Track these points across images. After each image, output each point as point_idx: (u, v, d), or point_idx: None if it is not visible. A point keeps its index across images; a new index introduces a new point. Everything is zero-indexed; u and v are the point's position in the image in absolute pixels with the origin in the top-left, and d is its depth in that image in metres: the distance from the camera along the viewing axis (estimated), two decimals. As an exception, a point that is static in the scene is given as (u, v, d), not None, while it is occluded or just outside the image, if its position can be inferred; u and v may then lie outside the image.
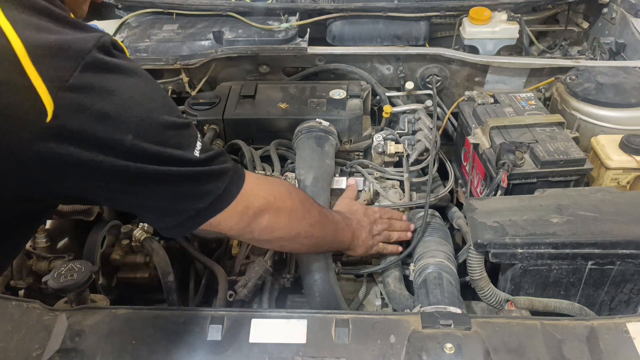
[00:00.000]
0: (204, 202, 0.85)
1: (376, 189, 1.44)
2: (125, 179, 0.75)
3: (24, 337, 0.91)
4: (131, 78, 0.73)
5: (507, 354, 0.88)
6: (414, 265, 1.28)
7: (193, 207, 0.84)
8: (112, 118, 0.70)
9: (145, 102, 0.75)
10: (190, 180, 0.82)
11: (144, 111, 0.74)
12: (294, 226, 1.04)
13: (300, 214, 1.05)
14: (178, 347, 0.90)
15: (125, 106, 0.71)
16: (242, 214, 0.93)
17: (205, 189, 0.85)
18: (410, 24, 1.83)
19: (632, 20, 1.83)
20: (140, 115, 0.73)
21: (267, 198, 0.97)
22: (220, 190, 0.86)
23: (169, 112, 0.79)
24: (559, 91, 1.61)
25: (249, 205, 0.93)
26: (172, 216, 0.85)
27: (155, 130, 0.75)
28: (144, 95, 0.75)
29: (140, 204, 0.83)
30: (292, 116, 1.55)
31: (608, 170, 1.35)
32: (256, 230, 0.97)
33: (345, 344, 0.91)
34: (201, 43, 1.77)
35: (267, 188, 1.00)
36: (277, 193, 1.01)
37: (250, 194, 0.93)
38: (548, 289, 1.13)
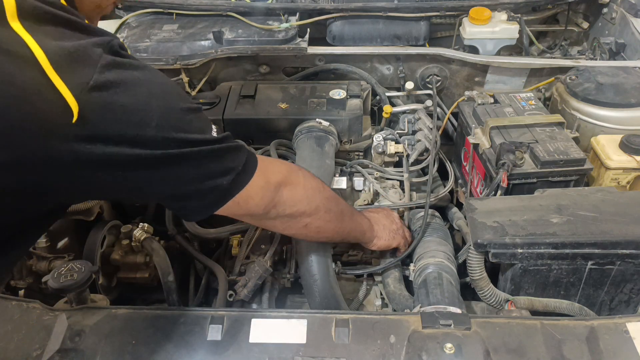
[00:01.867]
0: (229, 177, 0.89)
1: (376, 189, 1.45)
2: (153, 166, 0.78)
3: (24, 337, 0.91)
4: (144, 72, 0.77)
5: (507, 354, 0.88)
6: (414, 266, 1.28)
7: (220, 183, 0.88)
8: (134, 110, 0.74)
9: (162, 93, 0.79)
10: (213, 158, 0.86)
11: (163, 101, 0.78)
12: (312, 198, 1.07)
13: (315, 187, 1.09)
14: (178, 347, 0.90)
15: (145, 98, 0.75)
16: (264, 188, 0.97)
17: (227, 165, 0.89)
18: (410, 24, 1.83)
19: (632, 20, 1.83)
20: (160, 105, 0.77)
21: (282, 172, 1.02)
22: (241, 165, 0.91)
23: (184, 100, 0.85)
24: (559, 91, 1.61)
25: (268, 179, 0.97)
26: (201, 197, 0.88)
27: (176, 117, 0.80)
28: (160, 87, 0.79)
29: (169, 191, 0.86)
30: (292, 116, 1.55)
31: (608, 170, 1.35)
32: (279, 204, 1.00)
33: (345, 344, 0.91)
34: (201, 43, 1.77)
35: (279, 164, 1.06)
36: (289, 168, 1.06)
37: (267, 170, 0.98)
38: (548, 289, 1.13)
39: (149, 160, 0.77)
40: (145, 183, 0.82)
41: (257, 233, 1.33)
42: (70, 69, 0.68)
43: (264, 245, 1.33)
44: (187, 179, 0.84)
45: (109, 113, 0.71)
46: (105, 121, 0.71)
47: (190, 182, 0.85)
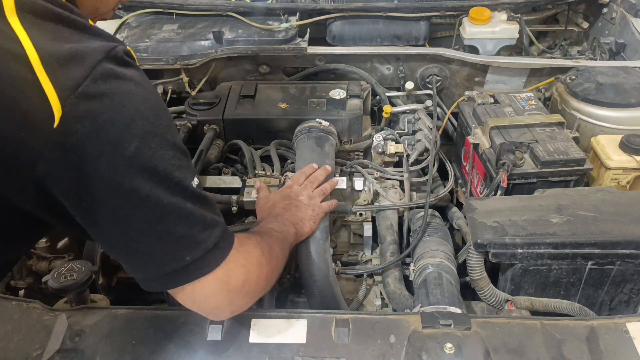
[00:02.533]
0: (193, 253, 0.76)
1: (376, 189, 1.44)
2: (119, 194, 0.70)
3: (24, 337, 0.91)
4: (139, 89, 0.72)
5: (507, 354, 0.88)
6: (414, 265, 1.28)
7: (181, 257, 0.76)
8: (118, 127, 0.69)
9: (153, 116, 0.73)
10: (185, 219, 0.75)
11: (150, 125, 0.72)
12: (269, 281, 0.94)
13: (273, 267, 0.96)
14: (178, 347, 0.90)
15: (132, 116, 0.70)
16: (222, 287, 0.82)
17: (198, 237, 0.77)
18: (410, 24, 1.83)
19: (632, 20, 1.83)
20: (146, 128, 0.71)
21: (247, 272, 0.86)
22: (211, 244, 0.78)
23: (172, 132, 0.77)
24: (559, 91, 1.61)
25: (231, 278, 0.83)
26: (155, 264, 0.76)
27: (159, 144, 0.72)
28: (152, 110, 0.73)
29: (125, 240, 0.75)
30: (292, 116, 1.55)
31: (608, 170, 1.35)
32: (233, 309, 0.88)
33: (345, 344, 0.91)
34: (201, 43, 1.77)
35: (246, 258, 0.88)
36: (254, 260, 0.89)
37: (234, 264, 0.83)
38: (548, 289, 1.13)
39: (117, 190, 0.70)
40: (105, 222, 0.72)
41: (257, 233, 1.33)
42: (62, 71, 0.65)
43: (264, 245, 1.33)
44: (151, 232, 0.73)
45: (91, 124, 0.67)
46: (85, 131, 0.66)
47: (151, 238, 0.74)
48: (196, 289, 0.80)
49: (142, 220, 0.73)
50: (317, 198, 1.25)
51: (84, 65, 0.67)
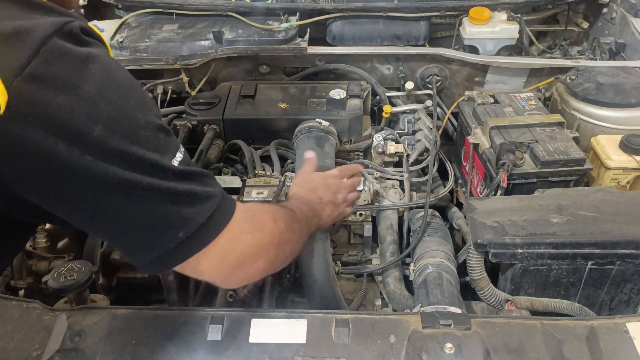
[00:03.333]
0: (185, 230, 0.72)
1: (376, 189, 1.45)
2: (91, 183, 0.64)
3: (24, 337, 0.91)
4: (100, 68, 0.65)
5: (507, 354, 0.88)
6: (414, 265, 1.28)
7: (172, 236, 0.71)
8: (76, 113, 0.62)
9: (117, 96, 0.66)
10: (167, 197, 0.70)
11: (114, 106, 0.65)
12: (281, 253, 0.92)
13: (286, 238, 0.93)
14: (178, 347, 0.90)
15: (92, 99, 0.63)
16: (225, 257, 0.79)
17: (186, 213, 0.72)
18: (410, 24, 1.83)
19: (632, 20, 1.83)
20: (109, 110, 0.64)
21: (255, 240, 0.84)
22: (204, 218, 0.73)
23: (144, 111, 0.70)
24: (559, 91, 1.61)
25: (233, 245, 0.80)
26: (146, 247, 0.72)
27: (127, 126, 0.66)
28: (116, 90, 0.67)
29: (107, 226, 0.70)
30: (292, 116, 1.55)
31: (608, 170, 1.35)
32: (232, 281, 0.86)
33: (345, 344, 0.91)
34: (201, 43, 1.77)
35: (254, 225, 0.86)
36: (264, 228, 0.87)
37: (237, 231, 0.80)
38: (548, 289, 1.13)
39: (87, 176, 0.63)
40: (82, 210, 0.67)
41: (257, 233, 1.32)
42: (5, 52, 0.57)
43: (264, 245, 1.32)
44: (132, 216, 0.68)
45: (43, 110, 0.60)
46: (38, 118, 0.59)
47: (135, 223, 0.69)
48: (200, 262, 0.77)
49: (121, 207, 0.67)
50: (349, 203, 1.22)
51: (29, 42, 0.59)
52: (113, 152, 0.64)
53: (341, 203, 1.20)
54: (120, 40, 1.77)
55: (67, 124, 0.61)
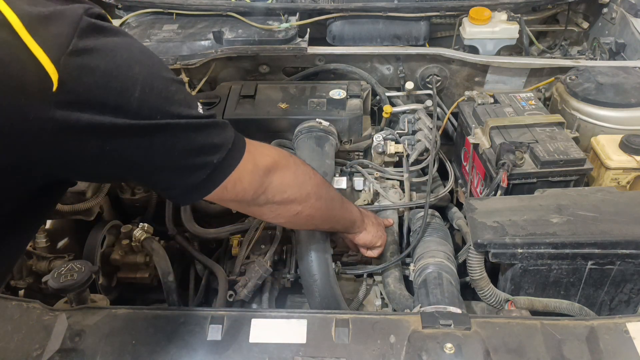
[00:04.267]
0: (219, 155, 0.85)
1: (376, 189, 1.45)
2: (139, 136, 0.74)
3: (24, 337, 0.91)
4: (126, 39, 0.74)
5: (507, 354, 0.88)
6: (414, 265, 1.28)
7: (210, 160, 0.84)
8: (117, 76, 0.70)
9: (145, 59, 0.76)
10: (201, 132, 0.82)
11: (146, 67, 0.74)
12: (302, 185, 1.04)
13: (305, 173, 1.06)
14: (178, 347, 0.90)
15: (128, 64, 0.72)
16: (253, 172, 0.93)
17: (217, 140, 0.85)
18: (410, 24, 1.83)
19: (632, 20, 1.83)
20: (143, 71, 0.74)
21: (272, 156, 0.98)
22: (230, 143, 0.87)
23: (167, 70, 0.81)
24: (559, 91, 1.61)
25: (257, 162, 0.93)
26: (191, 175, 0.84)
27: (160, 84, 0.76)
28: (142, 54, 0.76)
29: (157, 168, 0.81)
30: (292, 116, 1.55)
31: (608, 170, 1.35)
32: (269, 189, 0.97)
33: (345, 344, 0.91)
34: (201, 43, 1.77)
35: (268, 148, 1.02)
36: (279, 153, 1.02)
37: (256, 152, 0.94)
38: (548, 289, 1.13)
39: (134, 130, 0.73)
40: (134, 156, 0.77)
41: (257, 233, 1.33)
42: (47, 33, 0.64)
43: (264, 245, 1.33)
44: (176, 152, 0.80)
45: (90, 79, 0.67)
46: (87, 88, 0.67)
47: (179, 157, 0.81)
48: (233, 181, 0.88)
49: (167, 150, 0.78)
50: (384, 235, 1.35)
51: (66, 23, 0.66)
52: (154, 110, 0.75)
53: (382, 230, 1.34)
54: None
55: (113, 88, 0.70)
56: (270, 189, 0.97)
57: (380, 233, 1.31)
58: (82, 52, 0.66)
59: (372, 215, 1.33)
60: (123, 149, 0.74)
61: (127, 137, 0.73)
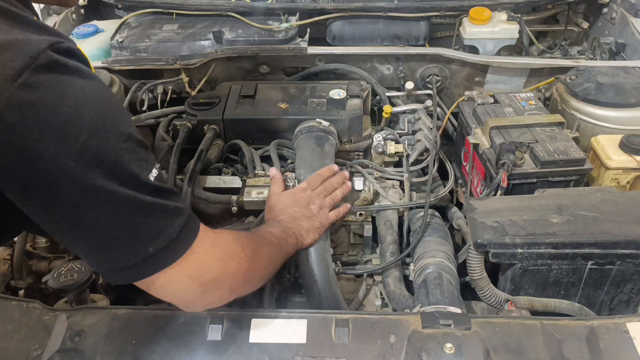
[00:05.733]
0: (156, 244, 0.74)
1: (376, 189, 1.44)
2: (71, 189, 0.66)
3: (24, 337, 0.91)
4: (87, 81, 0.69)
5: (507, 354, 0.88)
6: (414, 265, 1.28)
7: (143, 248, 0.73)
8: (64, 117, 0.64)
9: (102, 108, 0.69)
10: (142, 210, 0.72)
11: (100, 116, 0.68)
12: (249, 279, 0.94)
13: (255, 265, 0.94)
14: (178, 347, 0.90)
15: (78, 107, 0.66)
16: (192, 278, 0.81)
17: (160, 226, 0.74)
18: (410, 24, 1.83)
19: (632, 20, 1.83)
20: (95, 120, 0.67)
21: (221, 265, 0.86)
22: (174, 233, 0.76)
23: (126, 124, 0.73)
24: (559, 91, 1.61)
25: (201, 269, 0.82)
26: (116, 258, 0.74)
27: (110, 137, 0.69)
28: (102, 101, 0.69)
29: (80, 234, 0.72)
30: (292, 116, 1.55)
31: (608, 170, 1.35)
32: (208, 303, 0.88)
33: (345, 344, 0.91)
34: (201, 43, 1.77)
35: (221, 251, 0.87)
36: (231, 253, 0.89)
37: (205, 255, 0.82)
38: (548, 289, 1.13)
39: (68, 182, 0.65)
40: (57, 216, 0.68)
41: (257, 233, 1.33)
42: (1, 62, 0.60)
43: (264, 245, 1.33)
44: (107, 225, 0.70)
45: (32, 117, 0.62)
46: (27, 125, 0.62)
47: (109, 231, 0.71)
48: (164, 281, 0.79)
49: (98, 215, 0.70)
50: (326, 208, 1.25)
51: (23, 54, 0.62)
52: (96, 161, 0.67)
53: (318, 212, 1.22)
54: (120, 40, 1.77)
55: (54, 129, 0.64)
56: (210, 303, 0.88)
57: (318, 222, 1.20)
58: (32, 86, 0.62)
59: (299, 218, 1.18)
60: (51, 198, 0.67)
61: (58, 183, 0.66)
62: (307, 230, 1.18)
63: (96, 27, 1.90)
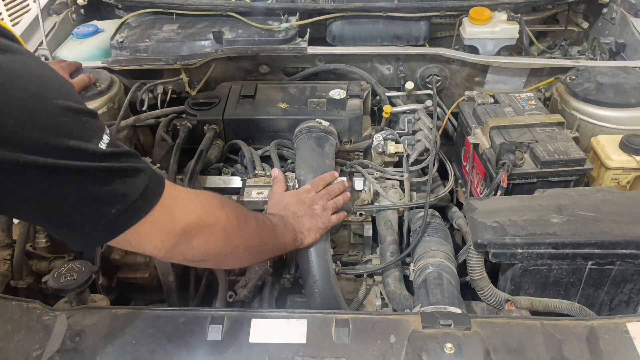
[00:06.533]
0: (118, 206, 0.73)
1: (376, 189, 1.45)
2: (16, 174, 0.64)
3: (24, 337, 0.91)
4: (15, 59, 0.65)
5: (507, 354, 0.88)
6: (414, 265, 1.28)
7: (104, 213, 0.72)
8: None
9: (33, 83, 0.65)
10: (96, 177, 0.70)
11: (30, 92, 0.64)
12: (230, 241, 0.94)
13: (236, 226, 0.95)
14: (178, 347, 0.90)
15: (5, 86, 0.62)
16: (167, 230, 0.81)
17: (117, 189, 0.73)
18: (410, 24, 1.83)
19: (632, 20, 1.83)
20: (25, 97, 0.63)
21: (197, 213, 0.86)
22: (137, 193, 0.75)
23: (65, 97, 0.69)
24: (559, 91, 1.61)
25: (174, 219, 0.82)
26: (81, 225, 0.73)
27: (47, 113, 0.65)
28: (33, 77, 0.66)
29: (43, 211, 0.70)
30: (292, 116, 1.55)
31: (608, 170, 1.35)
32: (188, 252, 0.87)
33: (345, 344, 0.91)
34: (201, 43, 1.77)
35: (195, 202, 0.88)
36: (209, 206, 0.90)
37: (175, 207, 0.82)
38: (548, 289, 1.13)
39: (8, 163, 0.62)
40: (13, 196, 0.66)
41: (257, 233, 1.33)
42: None
43: (264, 245, 1.33)
44: (62, 199, 0.68)
45: None
46: None
47: (67, 205, 0.69)
48: (138, 237, 0.79)
49: (53, 193, 0.68)
50: (329, 210, 1.24)
51: None
52: (31, 142, 0.64)
53: (321, 213, 1.21)
54: (120, 40, 1.77)
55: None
56: (188, 251, 0.87)
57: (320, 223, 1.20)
58: None
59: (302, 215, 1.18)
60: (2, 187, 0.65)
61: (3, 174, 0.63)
62: (309, 229, 1.18)
63: (96, 27, 1.90)
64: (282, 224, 1.13)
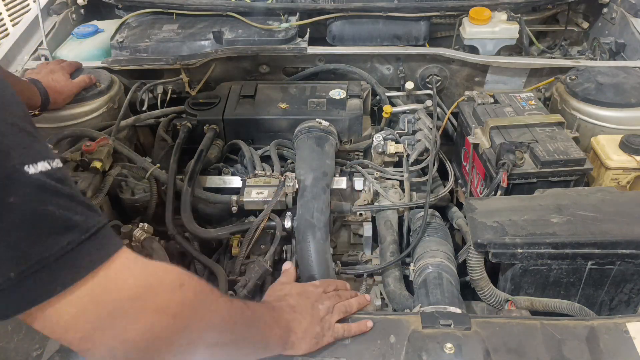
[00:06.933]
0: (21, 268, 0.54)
1: (376, 189, 1.45)
2: None
3: (24, 337, 0.91)
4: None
5: (507, 354, 0.88)
6: (414, 265, 1.28)
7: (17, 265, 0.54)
8: None
9: None
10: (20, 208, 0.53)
11: None
12: (182, 331, 0.67)
13: (196, 312, 0.70)
14: (178, 347, 0.90)
15: None
16: (97, 304, 0.60)
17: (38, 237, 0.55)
18: (410, 24, 1.83)
19: (632, 20, 1.83)
20: None
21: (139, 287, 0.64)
22: (60, 252, 0.56)
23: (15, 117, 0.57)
24: (559, 91, 1.61)
25: (109, 291, 0.61)
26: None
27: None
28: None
29: None
30: (292, 116, 1.55)
31: (608, 170, 1.35)
32: (117, 338, 0.62)
33: (345, 344, 0.91)
34: (201, 43, 1.77)
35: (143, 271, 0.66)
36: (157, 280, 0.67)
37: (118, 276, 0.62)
38: (548, 289, 1.13)
39: None
40: None
41: (257, 233, 1.33)
42: None
43: (264, 245, 1.33)
44: None
45: None
46: None
47: None
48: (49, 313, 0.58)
49: None
50: (336, 315, 0.96)
51: None
52: None
53: (324, 316, 0.94)
54: (120, 40, 1.77)
55: None
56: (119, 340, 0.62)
57: (320, 327, 0.92)
58: None
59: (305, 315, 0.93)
60: None
61: None
62: (305, 331, 0.90)
63: (96, 27, 1.90)
64: (271, 316, 0.88)
